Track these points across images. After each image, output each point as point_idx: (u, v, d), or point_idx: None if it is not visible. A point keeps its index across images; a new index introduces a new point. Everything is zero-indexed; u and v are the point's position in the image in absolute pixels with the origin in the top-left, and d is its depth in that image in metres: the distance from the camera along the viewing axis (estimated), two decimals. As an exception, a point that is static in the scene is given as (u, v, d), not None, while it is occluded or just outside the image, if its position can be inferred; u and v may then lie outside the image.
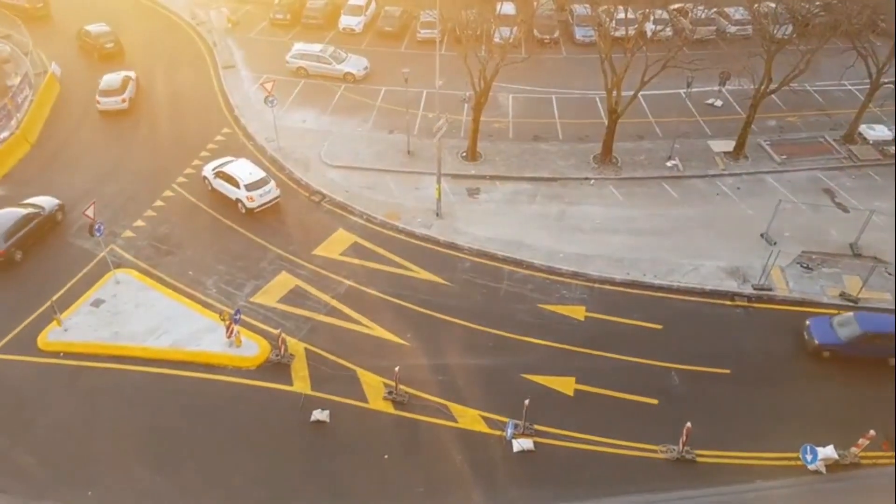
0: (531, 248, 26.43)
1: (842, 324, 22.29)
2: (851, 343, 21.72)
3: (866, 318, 22.27)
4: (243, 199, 27.78)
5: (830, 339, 22.00)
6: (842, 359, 21.93)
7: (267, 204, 28.15)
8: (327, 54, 37.67)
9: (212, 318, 23.37)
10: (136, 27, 43.30)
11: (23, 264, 25.67)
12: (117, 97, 34.84)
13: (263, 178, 28.17)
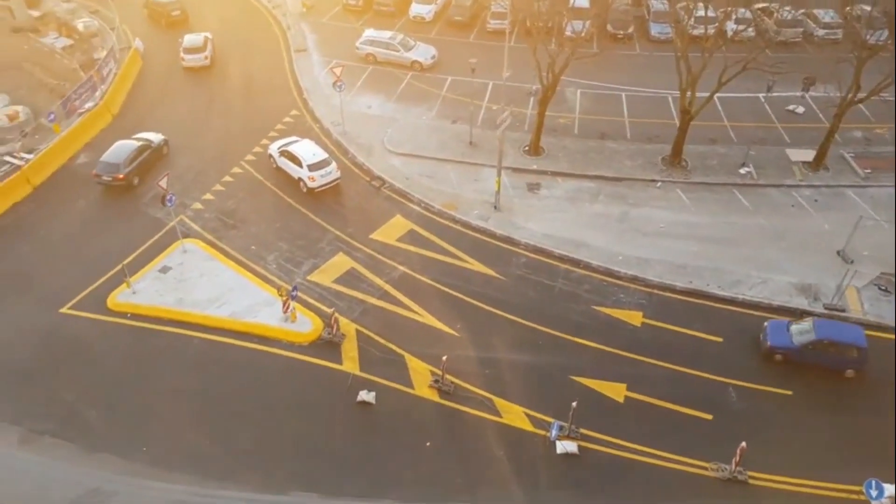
0: (590, 248, 26.02)
1: (800, 328, 21.67)
2: (804, 348, 21.20)
3: (825, 325, 21.58)
4: (305, 178, 28.49)
5: (783, 342, 21.51)
6: (796, 364, 21.27)
7: (327, 185, 28.78)
8: (396, 42, 37.99)
9: (270, 292, 24.08)
10: (216, 9, 44.79)
11: (102, 232, 27.06)
12: (200, 54, 38.09)
13: (325, 159, 28.80)
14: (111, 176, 28.63)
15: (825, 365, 21.33)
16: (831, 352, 21.06)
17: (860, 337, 21.20)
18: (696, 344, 22.48)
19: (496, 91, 34.52)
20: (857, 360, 21.06)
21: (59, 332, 22.97)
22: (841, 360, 21.18)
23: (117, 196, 28.88)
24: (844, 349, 21.00)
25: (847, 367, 21.25)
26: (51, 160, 30.29)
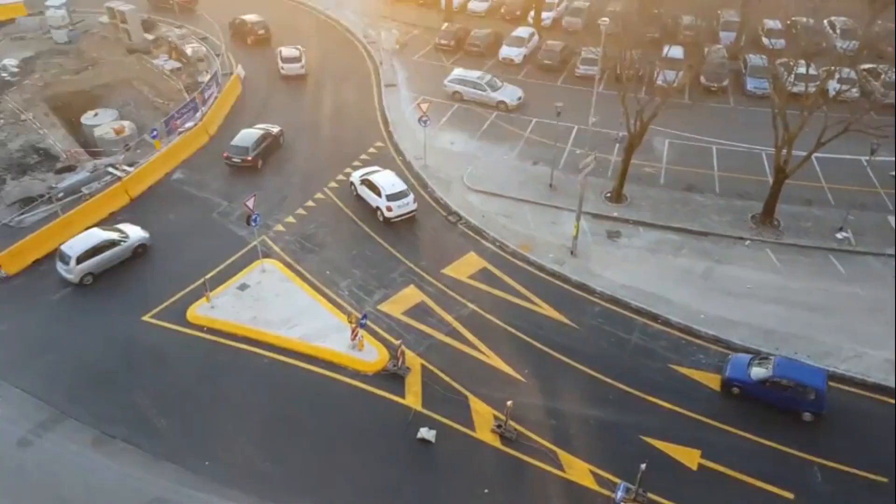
0: (670, 303, 25.10)
1: (760, 363, 21.47)
2: (759, 384, 21.04)
3: (785, 364, 21.31)
4: (383, 207, 29.08)
5: (739, 376, 21.45)
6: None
7: (404, 216, 29.26)
8: (484, 81, 38.59)
9: (340, 318, 24.40)
10: (316, 41, 46.97)
11: (189, 245, 28.35)
12: (297, 63, 41.70)
13: (404, 190, 29.35)
14: (241, 158, 32.49)
15: (781, 405, 20.97)
16: (788, 391, 20.75)
17: (820, 380, 20.80)
18: (780, 416, 21.06)
19: (581, 135, 34.35)
20: (815, 404, 20.57)
21: (140, 338, 24.00)
22: (797, 401, 20.75)
23: (205, 211, 30.26)
24: (802, 390, 20.56)
25: (804, 409, 20.79)
26: (149, 174, 32.17)
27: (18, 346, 23.74)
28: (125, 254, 27.03)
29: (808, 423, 20.82)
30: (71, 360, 23.13)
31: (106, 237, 26.65)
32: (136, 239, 27.45)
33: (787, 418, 20.95)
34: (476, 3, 50.92)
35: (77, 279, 25.76)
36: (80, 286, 25.85)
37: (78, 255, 25.54)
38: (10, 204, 30.57)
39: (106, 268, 26.42)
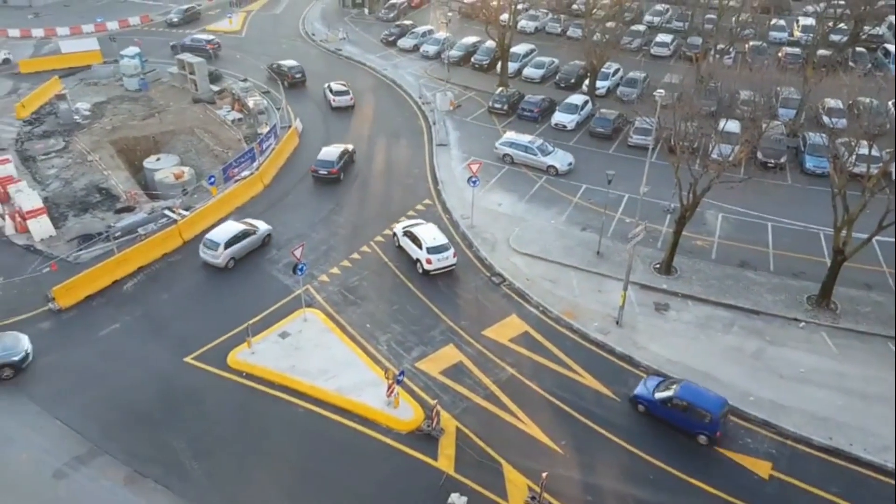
0: (718, 382, 24.62)
1: (667, 387, 23.06)
2: (661, 404, 22.74)
3: (689, 388, 22.84)
4: (422, 260, 30.05)
5: (645, 395, 23.31)
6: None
7: (443, 269, 30.16)
8: (535, 146, 39.58)
9: (377, 373, 24.75)
10: (372, 99, 49.24)
11: (235, 290, 29.44)
12: (346, 96, 47.19)
13: (445, 244, 30.36)
14: (327, 170, 37.38)
15: (678, 426, 22.57)
16: (685, 413, 22.28)
17: (717, 406, 22.15)
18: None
19: (631, 204, 34.68)
20: (709, 427, 21.98)
21: (180, 379, 24.80)
22: (693, 423, 22.27)
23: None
24: (697, 413, 22.06)
25: (699, 431, 22.26)
26: (203, 219, 33.78)
27: (63, 379, 24.81)
28: (257, 242, 31.61)
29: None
30: (111, 396, 24.02)
31: (242, 228, 31.21)
32: (264, 230, 32.03)
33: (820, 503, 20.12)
34: (531, 69, 52.68)
35: (224, 263, 30.16)
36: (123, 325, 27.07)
37: (225, 242, 30.10)
38: (69, 240, 32.45)
39: (244, 254, 30.92)
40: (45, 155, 40.73)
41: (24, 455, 21.88)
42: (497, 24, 48.78)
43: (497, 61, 52.12)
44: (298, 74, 51.20)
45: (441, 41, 56.70)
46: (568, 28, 60.69)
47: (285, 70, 51.25)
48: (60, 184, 37.55)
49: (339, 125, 44.40)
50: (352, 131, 44.00)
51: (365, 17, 67.84)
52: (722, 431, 22.21)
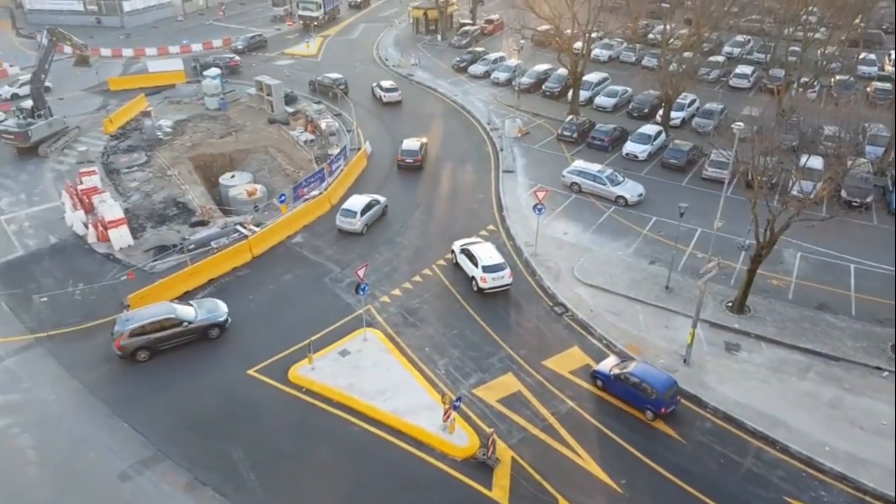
0: (790, 430, 23.67)
1: (624, 364, 25.42)
2: (613, 379, 25.04)
3: (641, 368, 24.93)
4: (478, 278, 30.84)
5: (601, 370, 25.65)
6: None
7: (497, 288, 30.83)
8: (604, 175, 39.41)
9: (434, 397, 24.98)
10: (440, 124, 50.28)
11: (299, 306, 30.41)
12: (396, 92, 53.48)
13: (501, 263, 31.01)
14: (413, 159, 42.93)
15: (628, 400, 24.68)
16: (634, 389, 24.31)
17: (663, 384, 24.03)
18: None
19: (703, 239, 34.01)
20: (654, 403, 23.87)
21: (242, 391, 25.71)
22: (641, 399, 24.23)
23: (319, 275, 32.46)
24: (644, 389, 24.04)
25: (646, 406, 24.18)
26: (272, 236, 35.13)
27: (134, 383, 26.13)
28: (380, 212, 37.13)
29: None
30: (176, 402, 25.12)
31: (369, 199, 36.77)
32: (384, 202, 37.61)
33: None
34: (604, 98, 52.66)
35: (360, 228, 35.57)
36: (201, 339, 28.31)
37: (361, 210, 35.52)
38: (146, 250, 34.33)
39: (372, 221, 36.40)
40: (128, 168, 43.38)
41: (93, 455, 23.08)
42: (570, 52, 49.14)
43: (568, 89, 52.41)
44: (342, 86, 55.06)
45: (512, 68, 57.46)
46: (643, 57, 60.46)
47: (329, 83, 54.85)
48: (141, 196, 39.88)
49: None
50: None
51: (437, 44, 69.50)
52: (667, 409, 24.00)
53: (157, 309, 27.76)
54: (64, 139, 46.10)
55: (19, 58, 63.02)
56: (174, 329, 27.25)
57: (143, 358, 26.90)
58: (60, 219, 36.82)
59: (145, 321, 26.83)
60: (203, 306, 28.78)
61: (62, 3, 76.95)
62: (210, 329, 28.00)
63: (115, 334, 26.77)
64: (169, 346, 27.28)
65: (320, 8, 71.21)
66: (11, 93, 53.18)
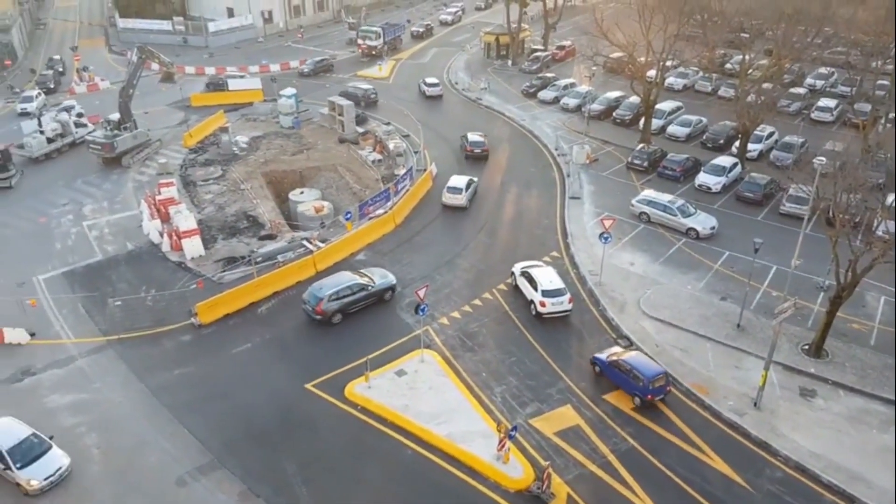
0: (870, 486, 22.09)
1: (621, 353, 27.22)
2: (609, 365, 26.85)
3: (635, 357, 26.67)
4: (536, 302, 30.52)
5: (600, 357, 27.45)
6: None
7: (556, 314, 30.50)
8: (675, 206, 38.36)
9: (489, 424, 24.58)
10: (507, 147, 50.27)
11: (357, 323, 30.67)
12: (437, 87, 60.49)
13: (561, 288, 30.66)
14: (480, 149, 47.16)
15: (620, 385, 26.43)
16: (625, 375, 26.05)
17: (652, 371, 25.67)
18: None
19: (779, 277, 32.55)
20: (641, 389, 25.47)
21: (299, 404, 25.99)
22: (630, 384, 25.88)
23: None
24: (632, 375, 25.70)
25: (634, 392, 25.80)
26: (336, 252, 35.69)
27: (195, 390, 26.82)
28: (475, 189, 42.57)
29: None
30: (236, 412, 25.59)
31: (468, 178, 42.20)
32: (476, 182, 42.91)
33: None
34: (677, 127, 51.52)
35: (466, 203, 40.78)
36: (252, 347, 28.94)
37: (465, 186, 40.95)
38: (216, 260, 35.43)
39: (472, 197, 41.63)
40: (203, 181, 45.08)
41: (154, 458, 23.70)
42: (643, 80, 48.43)
43: (640, 117, 51.56)
44: (373, 95, 58.64)
45: (582, 94, 57.04)
46: (719, 87, 59.00)
47: (360, 93, 58.01)
48: (214, 208, 41.31)
49: (473, 172, 45.54)
50: (485, 179, 44.92)
51: (507, 69, 69.82)
52: (654, 397, 25.43)
53: (339, 278, 31.30)
54: (146, 151, 48.42)
55: (110, 73, 66.87)
56: (361, 293, 30.86)
57: (338, 321, 30.30)
58: (138, 227, 38.52)
59: (340, 287, 30.39)
60: (375, 273, 32.28)
61: (152, 23, 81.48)
62: (385, 292, 31.50)
63: (313, 302, 30.01)
64: (356, 309, 30.79)
65: (379, 38, 72.20)
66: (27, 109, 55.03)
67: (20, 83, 65.52)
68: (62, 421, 25.27)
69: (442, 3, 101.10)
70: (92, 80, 64.39)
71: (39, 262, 35.13)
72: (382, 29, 73.15)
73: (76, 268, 34.80)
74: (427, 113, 56.64)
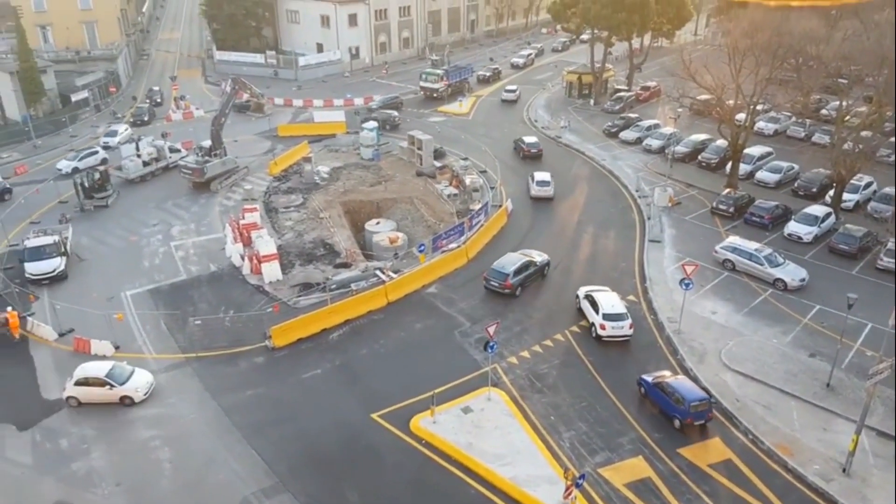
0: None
1: (668, 376, 27.96)
2: (653, 386, 27.51)
3: (679, 381, 27.44)
4: (597, 325, 31.70)
5: (646, 379, 28.11)
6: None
7: (615, 337, 31.59)
8: (762, 255, 37.03)
9: (556, 470, 24.13)
10: (585, 186, 50.01)
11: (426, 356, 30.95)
12: (513, 93, 66.83)
13: (622, 314, 31.70)
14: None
15: (661, 406, 27.21)
16: (667, 397, 26.80)
17: (694, 396, 26.34)
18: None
19: (875, 335, 30.76)
20: (680, 412, 26.11)
21: (364, 433, 26.34)
22: (671, 406, 26.59)
23: (449, 327, 32.94)
24: (675, 398, 26.40)
25: (674, 414, 26.46)
26: (408, 283, 36.28)
27: (265, 411, 27.64)
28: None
29: None
30: (302, 437, 26.18)
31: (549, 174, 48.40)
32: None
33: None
34: (766, 173, 49.95)
35: (552, 194, 47.16)
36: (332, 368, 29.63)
37: (550, 179, 47.87)
38: (292, 286, 36.67)
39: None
40: (285, 208, 46.97)
41: (221, 476, 24.49)
42: (732, 123, 47.42)
43: (727, 161, 50.34)
44: (397, 119, 63.51)
45: (667, 136, 56.30)
46: (813, 133, 56.90)
47: (385, 117, 62.01)
48: (293, 235, 42.91)
49: (546, 211, 45.51)
50: (561, 218, 44.79)
51: (589, 108, 69.82)
52: (693, 420, 25.98)
53: (511, 258, 36.65)
54: (233, 177, 50.98)
55: (204, 102, 71.10)
56: (533, 268, 36.40)
57: (518, 293, 35.19)
58: (221, 249, 40.44)
59: (518, 264, 35.75)
60: (533, 253, 37.62)
61: (246, 56, 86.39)
62: (544, 267, 37.37)
63: (499, 278, 35.15)
64: (528, 283, 35.95)
65: (441, 80, 72.90)
66: (72, 167, 51.76)
67: (123, 109, 70.59)
68: (139, 433, 26.57)
69: (526, 41, 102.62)
70: (188, 108, 68.63)
71: (128, 279, 37.36)
72: (446, 71, 73.55)
73: (161, 286, 36.79)
74: (505, 150, 57.16)
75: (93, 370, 28.41)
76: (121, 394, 27.91)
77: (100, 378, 27.96)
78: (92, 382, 27.93)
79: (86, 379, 28.00)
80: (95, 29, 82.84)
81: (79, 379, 28.02)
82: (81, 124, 65.47)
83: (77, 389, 27.97)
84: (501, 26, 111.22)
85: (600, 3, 64.85)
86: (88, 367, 28.61)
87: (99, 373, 28.19)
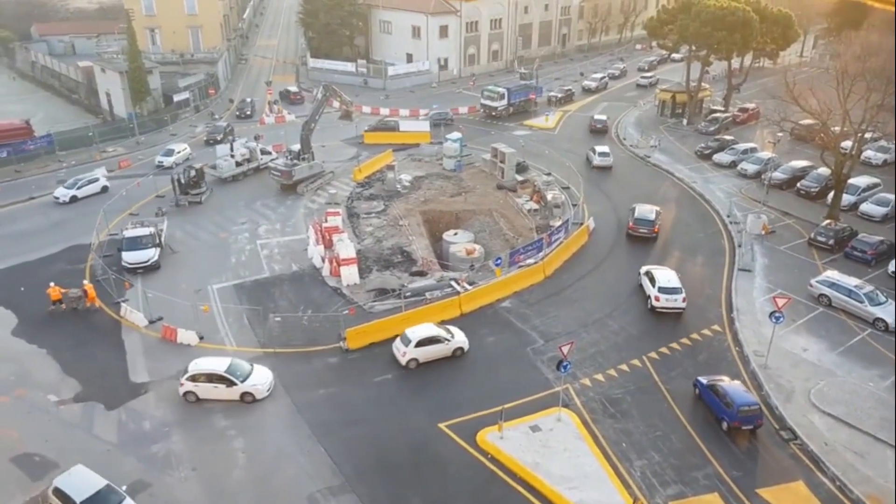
0: None
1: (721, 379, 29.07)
2: (707, 388, 28.66)
3: (732, 385, 28.34)
4: (652, 297, 35.48)
5: (701, 380, 29.26)
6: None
7: (669, 309, 35.08)
8: (862, 292, 35.16)
9: (625, 499, 23.73)
10: (673, 209, 48.86)
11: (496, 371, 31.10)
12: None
13: (677, 287, 35.38)
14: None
15: (712, 407, 28.09)
16: (718, 399, 27.62)
17: (743, 400, 27.05)
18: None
19: None
20: (729, 414, 26.85)
21: (431, 442, 26.71)
22: (721, 408, 27.39)
23: (522, 343, 32.94)
24: (725, 401, 27.23)
25: (723, 416, 27.28)
26: (482, 296, 36.54)
27: (336, 411, 28.48)
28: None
29: None
30: (370, 439, 26.82)
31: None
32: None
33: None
34: (872, 205, 47.38)
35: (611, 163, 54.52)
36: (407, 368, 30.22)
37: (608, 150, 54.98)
38: (368, 290, 37.64)
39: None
40: (366, 214, 48.33)
41: (290, 471, 25.39)
42: (836, 151, 45.32)
43: (829, 190, 48.08)
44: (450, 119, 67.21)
45: (764, 160, 54.33)
46: (928, 165, 53.64)
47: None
48: (373, 241, 44.06)
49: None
50: (644, 238, 43.89)
51: (682, 128, 68.27)
52: (741, 424, 26.64)
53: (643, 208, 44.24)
54: (319, 181, 52.91)
55: (296, 107, 74.07)
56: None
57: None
58: (303, 250, 42.00)
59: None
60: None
61: (338, 64, 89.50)
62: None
63: (646, 226, 43.04)
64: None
65: (502, 98, 72.32)
66: (70, 195, 49.63)
67: (220, 111, 74.49)
68: (217, 422, 27.92)
69: (618, 57, 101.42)
70: (280, 113, 71.77)
71: (215, 273, 39.39)
72: (507, 90, 72.40)
73: (245, 282, 38.58)
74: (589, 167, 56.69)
75: (208, 366, 28.82)
76: (241, 391, 28.40)
77: (219, 373, 28.45)
78: (211, 379, 28.38)
79: (203, 374, 28.49)
80: (199, 33, 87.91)
81: (194, 374, 28.60)
82: (181, 123, 69.63)
83: (195, 385, 28.48)
84: (594, 41, 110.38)
85: (700, 20, 63.45)
86: (203, 363, 29.08)
87: (217, 368, 28.63)
